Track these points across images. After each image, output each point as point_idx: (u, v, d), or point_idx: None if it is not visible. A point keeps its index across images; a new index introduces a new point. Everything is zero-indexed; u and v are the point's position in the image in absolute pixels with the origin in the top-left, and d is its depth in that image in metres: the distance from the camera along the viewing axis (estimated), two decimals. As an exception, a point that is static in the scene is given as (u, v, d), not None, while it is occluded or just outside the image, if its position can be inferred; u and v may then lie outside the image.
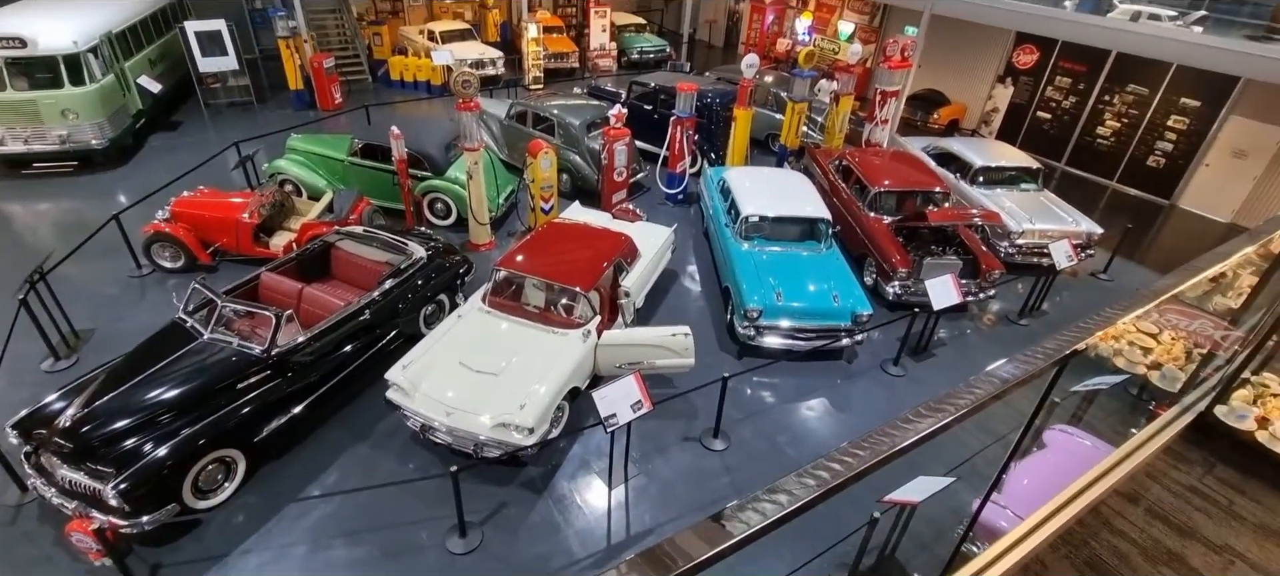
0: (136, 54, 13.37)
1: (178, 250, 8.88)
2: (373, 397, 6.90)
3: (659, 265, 9.02)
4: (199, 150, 12.27)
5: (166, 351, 6.00)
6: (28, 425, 5.44)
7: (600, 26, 19.59)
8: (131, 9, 13.67)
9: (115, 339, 7.51)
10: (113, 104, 12.01)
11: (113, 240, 8.74)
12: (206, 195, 9.27)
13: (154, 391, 5.62)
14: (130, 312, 8.21)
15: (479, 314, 7.14)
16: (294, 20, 15.17)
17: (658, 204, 11.88)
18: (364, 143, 10.58)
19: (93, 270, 8.72)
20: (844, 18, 19.56)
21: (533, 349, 6.64)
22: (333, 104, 15.47)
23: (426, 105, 16.39)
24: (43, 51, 10.96)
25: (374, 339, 7.05)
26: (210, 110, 15.05)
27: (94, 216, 9.36)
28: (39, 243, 9.57)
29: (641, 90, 13.62)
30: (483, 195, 9.71)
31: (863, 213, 9.89)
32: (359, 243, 7.97)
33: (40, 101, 11.06)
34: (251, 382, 5.95)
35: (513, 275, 7.34)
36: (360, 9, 19.49)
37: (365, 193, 10.11)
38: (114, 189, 11.29)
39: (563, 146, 11.56)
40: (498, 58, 17.75)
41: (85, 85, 11.34)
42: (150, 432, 5.38)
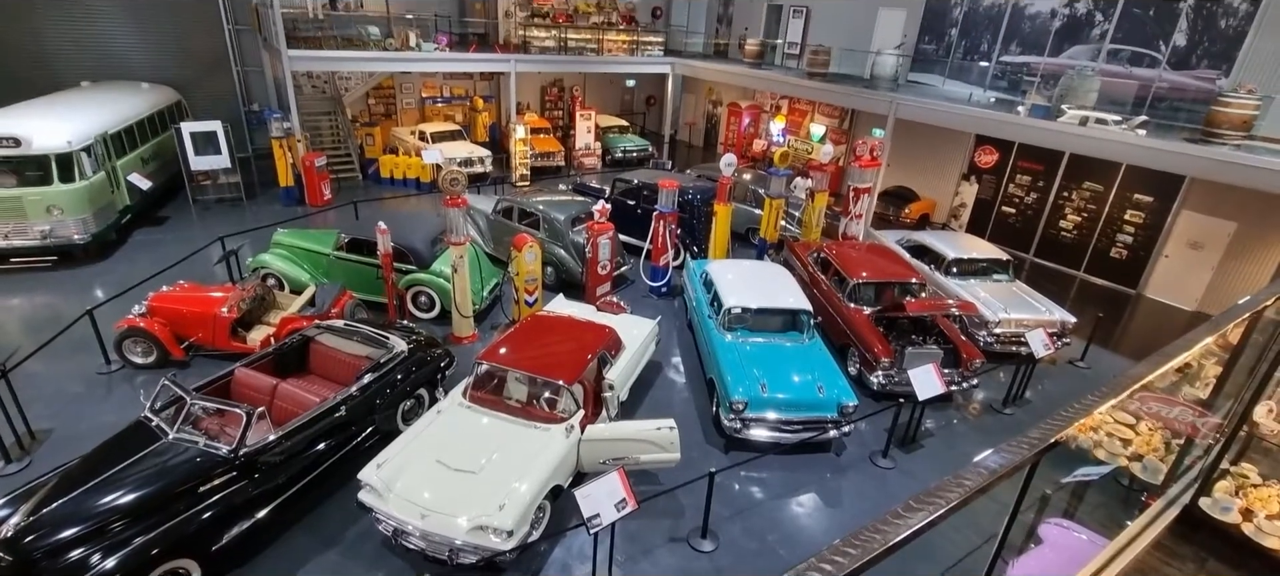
0: (130, 152, 13.59)
1: (150, 345, 8.69)
2: (344, 498, 6.60)
3: (643, 357, 8.97)
4: (184, 245, 12.26)
5: (127, 453, 5.73)
6: (-35, 534, 5.08)
7: (585, 128, 20.42)
8: (130, 110, 14.04)
9: (74, 440, 7.18)
10: (100, 200, 12.08)
11: (84, 336, 8.55)
12: (186, 290, 9.18)
13: (108, 496, 5.31)
14: (94, 411, 7.90)
15: (459, 409, 6.97)
16: (289, 121, 15.63)
17: (642, 296, 11.97)
18: (350, 237, 10.67)
19: (59, 367, 8.47)
20: (815, 121, 20.62)
21: (514, 445, 6.45)
22: (322, 200, 15.69)
23: (414, 201, 16.69)
24: (36, 150, 11.11)
25: (349, 436, 6.82)
26: (198, 206, 15.18)
27: (68, 311, 9.19)
28: (5, 339, 9.32)
29: (625, 187, 14.03)
30: (467, 288, 9.73)
31: (843, 303, 10.03)
32: (339, 337, 7.86)
33: (26, 198, 11.10)
34: (215, 485, 5.67)
35: (495, 368, 7.24)
36: (354, 111, 20.19)
37: (349, 287, 10.08)
38: (92, 283, 11.15)
39: (548, 240, 11.74)
40: (486, 156, 18.30)
41: (74, 182, 11.43)
42: (99, 542, 5.05)
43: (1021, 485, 2.22)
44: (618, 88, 26.50)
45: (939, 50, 16.92)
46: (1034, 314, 10.27)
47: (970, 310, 9.87)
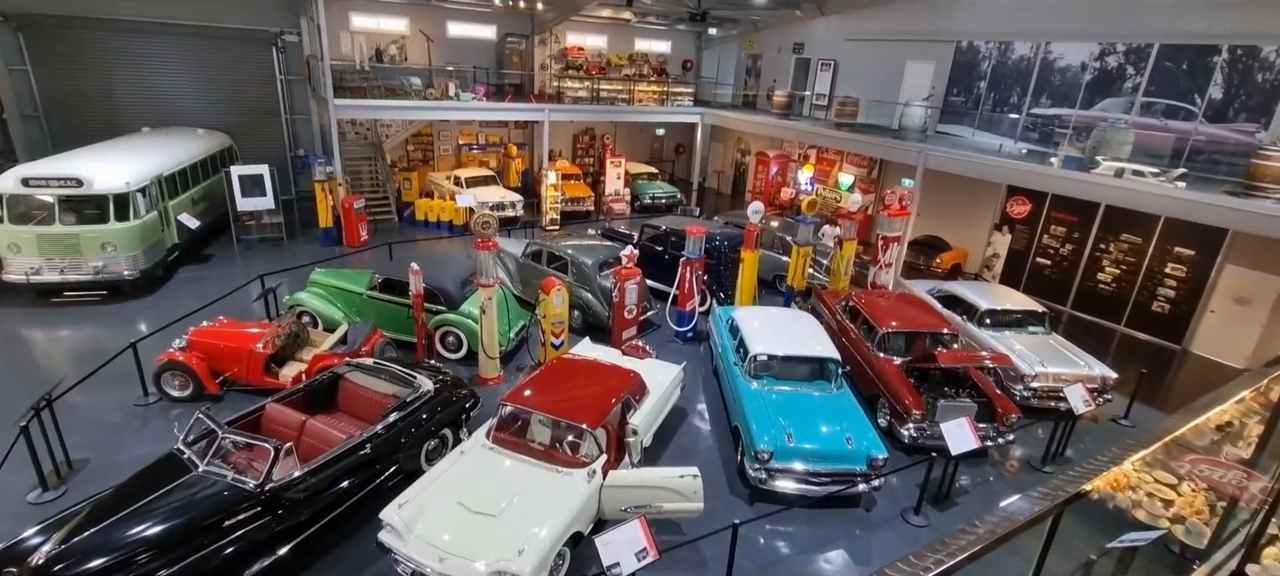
0: (181, 193, 14.24)
1: (187, 379, 8.93)
2: (365, 538, 6.60)
3: (667, 403, 8.90)
4: (226, 282, 12.69)
5: (157, 484, 5.84)
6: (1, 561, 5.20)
7: (615, 174, 20.78)
8: (184, 154, 14.78)
9: (109, 470, 7.35)
10: (151, 238, 12.63)
11: (126, 368, 8.83)
12: (225, 325, 9.46)
13: (137, 527, 5.41)
14: (130, 442, 8.10)
15: (482, 450, 6.97)
16: (331, 166, 16.26)
17: (667, 341, 11.94)
18: (384, 277, 10.92)
19: (100, 398, 8.73)
20: (843, 170, 20.67)
21: (535, 488, 6.41)
22: (359, 241, 16.17)
23: (446, 243, 17.07)
24: (96, 191, 11.71)
25: (373, 475, 6.86)
26: (242, 244, 15.75)
27: (113, 344, 9.53)
28: (53, 369, 9.68)
29: (653, 232, 14.17)
30: (494, 329, 9.83)
31: (872, 353, 9.85)
32: (367, 374, 7.98)
33: (82, 235, 11.66)
34: (240, 520, 5.73)
35: (519, 410, 7.25)
36: (394, 157, 20.92)
37: (381, 325, 10.28)
38: (137, 317, 11.57)
39: (575, 284, 11.85)
40: (517, 201, 18.71)
41: (128, 221, 11.99)
42: (125, 573, 5.11)
43: (1047, 535, 2.13)
44: (648, 136, 27.02)
45: (968, 102, 16.93)
46: (1072, 368, 9.94)
47: (1005, 363, 9.59)
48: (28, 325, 11.20)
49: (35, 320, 11.37)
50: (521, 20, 22.11)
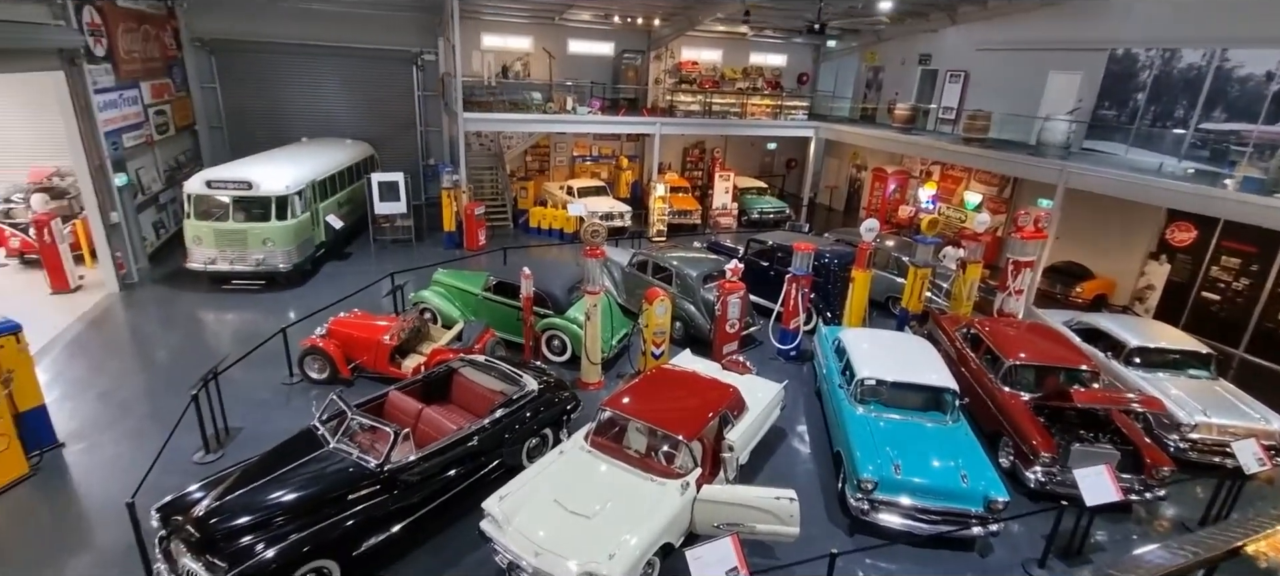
0: (330, 197, 15.85)
1: (324, 363, 9.87)
2: (467, 526, 6.94)
3: (766, 421, 8.68)
4: (362, 278, 13.94)
5: (294, 456, 6.49)
6: (169, 511, 5.98)
7: (723, 188, 20.68)
8: (333, 162, 16.45)
9: (258, 439, 8.27)
10: (303, 236, 14.15)
11: (276, 349, 9.91)
12: (358, 317, 10.38)
13: (275, 493, 6.03)
14: (275, 416, 9.07)
15: (579, 452, 7.14)
16: (458, 175, 17.46)
17: (769, 359, 11.67)
18: (498, 280, 11.53)
19: (254, 375, 9.83)
20: (971, 188, 19.28)
21: (629, 495, 6.47)
22: (477, 245, 17.21)
23: (557, 250, 17.74)
24: (262, 193, 13.31)
25: (478, 465, 7.22)
26: (377, 244, 17.25)
27: (267, 328, 10.73)
28: (219, 346, 11.06)
29: (759, 247, 13.94)
30: (598, 336, 10.07)
31: (996, 386, 9.08)
32: (478, 370, 8.44)
33: (249, 231, 13.28)
34: (361, 495, 6.24)
35: (617, 416, 7.36)
36: (513, 167, 22.09)
37: (493, 325, 10.85)
38: (288, 305, 12.98)
39: (679, 295, 11.89)
40: (626, 212, 19.10)
41: (285, 220, 13.51)
42: (264, 533, 5.72)
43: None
44: (759, 150, 26.68)
45: (1121, 116, 15.24)
46: (1243, 420, 8.62)
47: (1157, 408, 8.50)
48: (203, 307, 12.89)
49: (209, 303, 13.06)
50: (638, 37, 22.64)
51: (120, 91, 13.75)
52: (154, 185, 15.53)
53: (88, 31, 12.31)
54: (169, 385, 9.71)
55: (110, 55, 13.38)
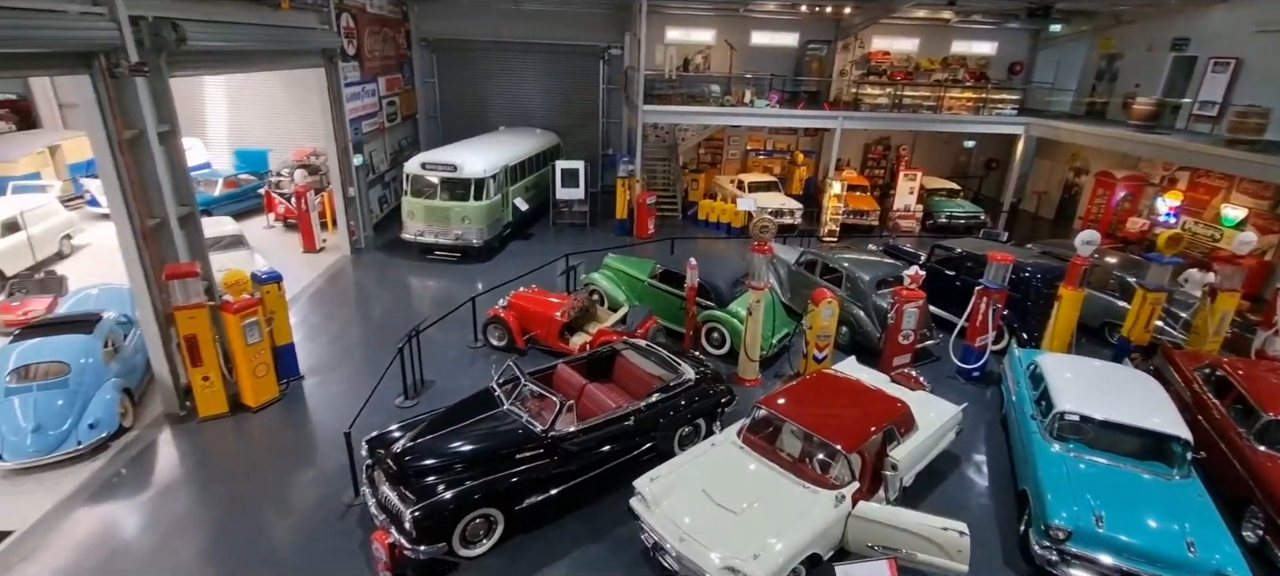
0: (519, 181, 17.31)
1: (504, 332, 10.82)
2: (617, 501, 7.20)
3: (938, 444, 7.93)
4: (540, 257, 15.06)
5: (474, 412, 7.21)
6: (375, 444, 6.95)
7: (908, 188, 19.16)
8: (524, 150, 17.94)
9: (446, 393, 9.31)
10: (494, 215, 15.63)
11: (465, 316, 11.07)
12: (535, 293, 11.23)
13: (457, 442, 6.75)
14: (461, 374, 10.14)
15: (731, 446, 7.08)
16: (633, 164, 18.14)
17: (947, 377, 10.63)
18: (664, 269, 11.80)
19: (446, 336, 11.07)
20: (1231, 200, 15.85)
21: (778, 498, 6.28)
22: (646, 233, 17.76)
23: (723, 244, 17.71)
24: (464, 175, 14.92)
25: (632, 445, 7.47)
26: (556, 228, 18.52)
27: (460, 296, 12.01)
28: (421, 307, 12.61)
29: (945, 254, 12.73)
30: (758, 332, 9.89)
31: (1247, 443, 7.42)
32: (640, 354, 8.70)
33: (451, 209, 14.95)
34: (526, 455, 6.76)
35: (773, 416, 7.18)
36: (686, 159, 22.42)
37: (656, 312, 11.13)
38: (477, 277, 14.42)
39: (848, 299, 11.28)
40: (797, 209, 18.50)
41: (482, 201, 15.01)
42: (445, 476, 6.43)
43: None
44: (953, 148, 24.26)
45: None
46: None
47: None
48: (411, 273, 14.79)
49: (415, 270, 14.95)
50: (825, 26, 21.69)
51: (363, 85, 16.15)
52: (382, 166, 18.06)
53: (344, 34, 14.60)
54: (381, 337, 11.27)
55: (358, 54, 15.76)
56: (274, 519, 7.18)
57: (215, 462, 8.09)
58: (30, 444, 7.52)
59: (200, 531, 6.98)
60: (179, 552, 6.65)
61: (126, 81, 7.69)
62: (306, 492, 7.56)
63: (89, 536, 6.83)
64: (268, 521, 7.14)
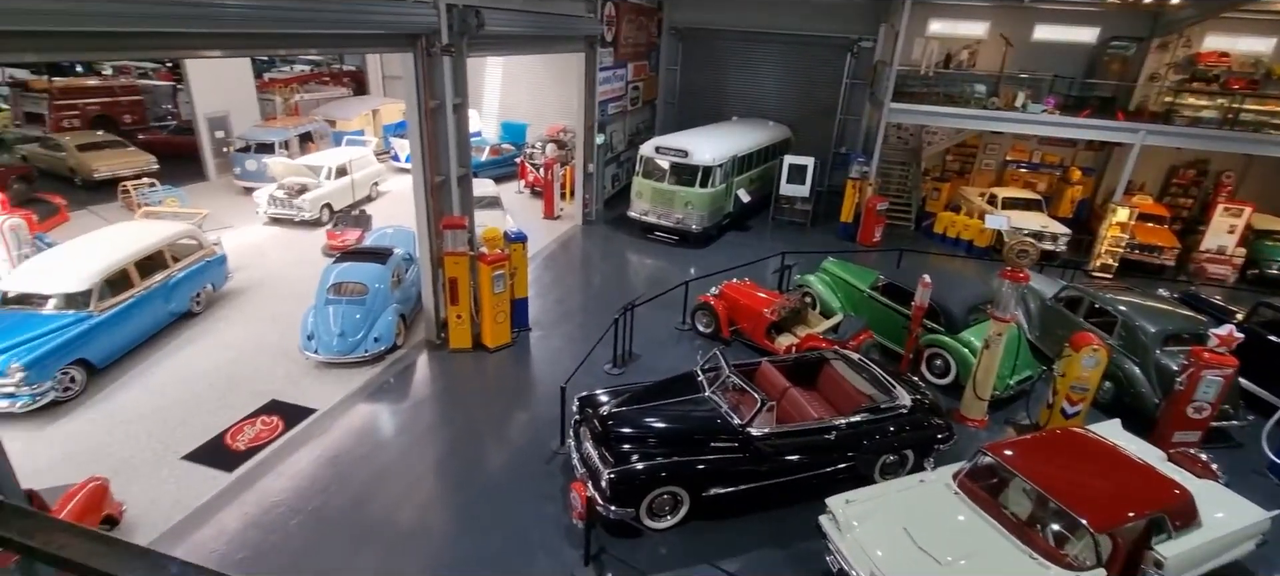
0: (744, 173, 17.30)
1: (711, 320, 10.94)
2: (804, 514, 6.87)
3: (1227, 552, 6.26)
4: (755, 251, 14.93)
5: (676, 392, 7.41)
6: (584, 403, 7.51)
7: (1227, 226, 15.28)
8: (754, 141, 17.85)
9: (650, 367, 9.73)
10: (716, 204, 15.84)
11: (676, 298, 11.40)
12: (747, 286, 11.15)
13: (656, 419, 7.01)
14: (665, 353, 10.50)
15: (944, 489, 6.34)
16: (867, 166, 17.03)
17: (1252, 471, 8.33)
18: (887, 281, 10.93)
19: (656, 315, 11.50)
20: None
21: (994, 559, 5.49)
22: (871, 240, 16.60)
23: (960, 263, 15.87)
24: (693, 162, 15.32)
25: (827, 461, 7.08)
26: (774, 223, 18.19)
27: (673, 278, 12.41)
28: (637, 284, 13.30)
29: (1275, 316, 9.93)
30: (994, 369, 8.69)
31: None
32: (850, 368, 8.19)
33: (677, 193, 15.47)
34: (720, 445, 6.77)
35: (1000, 466, 6.27)
36: (928, 164, 20.45)
37: (872, 327, 10.37)
38: (691, 262, 14.77)
39: (1120, 351, 9.38)
40: (1062, 234, 15.83)
41: (706, 189, 15.30)
42: (639, 447, 6.72)
43: None
44: (1308, 182, 18.71)
45: None
46: None
47: None
48: (631, 249, 15.66)
49: (635, 247, 15.79)
50: (1138, 20, 18.02)
51: (614, 70, 17.35)
52: (619, 146, 19.30)
53: (604, 22, 15.79)
54: (599, 304, 12.12)
55: (614, 41, 16.94)
56: (493, 448, 8.17)
57: (456, 389, 9.44)
58: (335, 345, 9.48)
59: (437, 443, 8.22)
60: (420, 457, 7.91)
61: (437, 60, 9.20)
62: (522, 431, 8.47)
63: (361, 425, 8.44)
64: (487, 449, 8.15)
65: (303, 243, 14.55)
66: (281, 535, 6.61)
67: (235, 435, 8.03)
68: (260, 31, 6.95)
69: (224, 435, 8.01)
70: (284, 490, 7.22)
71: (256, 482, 7.31)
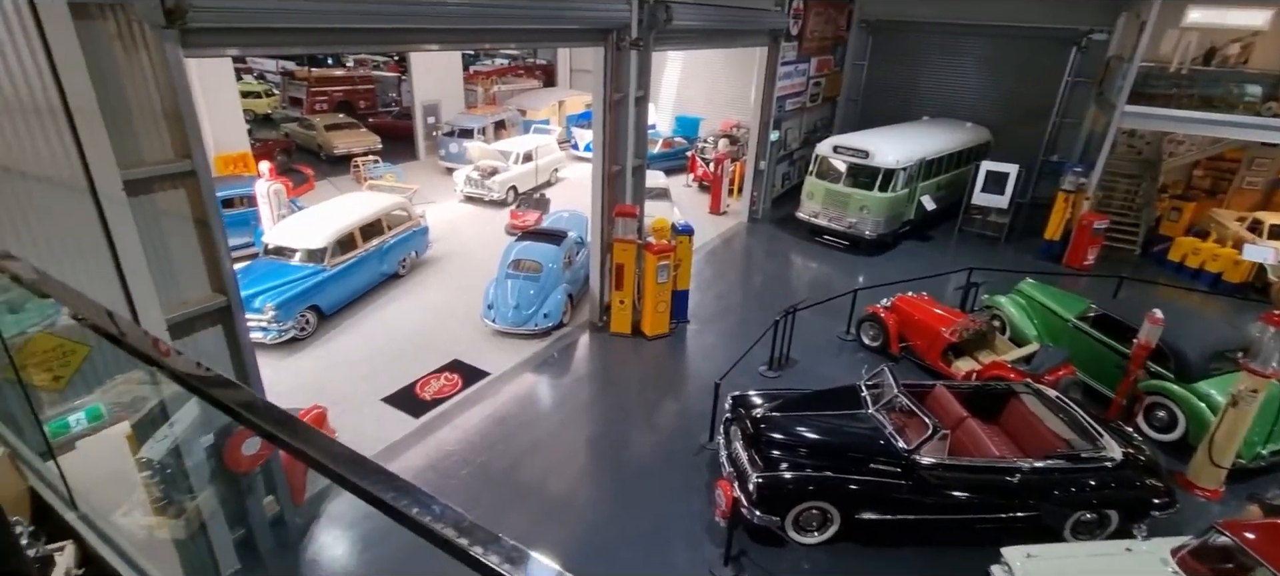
0: (931, 178, 15.88)
1: (879, 333, 10.21)
2: (971, 559, 6.17)
3: None
4: (935, 264, 13.67)
5: (836, 405, 7.01)
6: (738, 402, 7.38)
7: None
8: (945, 144, 16.31)
9: (807, 374, 9.33)
10: (895, 210, 14.72)
11: (841, 306, 10.79)
12: (924, 301, 10.24)
13: (811, 429, 6.68)
14: (825, 362, 10.00)
15: (1158, 564, 5.33)
16: (1086, 178, 14.80)
17: None
18: (1100, 311, 9.42)
19: (817, 321, 10.95)
20: None
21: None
22: (1081, 264, 14.42)
23: (1200, 299, 13.24)
24: (874, 164, 14.37)
25: (1005, 506, 6.28)
26: (960, 235, 16.49)
27: (839, 285, 11.79)
28: (799, 287, 12.80)
29: None
30: (1241, 433, 7.12)
31: None
32: (1045, 405, 7.18)
33: (852, 196, 14.62)
34: (880, 468, 6.29)
35: (1242, 552, 5.11)
36: (1167, 180, 17.28)
37: (1075, 361, 9.00)
38: (860, 270, 13.89)
39: None
40: (1357, 277, 12.55)
41: (886, 193, 14.28)
42: (792, 455, 6.44)
43: None
44: None
45: None
46: None
47: None
48: (795, 251, 15.11)
49: (800, 249, 15.20)
50: None
51: (796, 65, 16.79)
52: (793, 144, 18.68)
53: (792, 16, 15.33)
54: (758, 303, 11.87)
55: (800, 35, 16.39)
56: (643, 433, 8.35)
57: (613, 372, 9.78)
58: (510, 316, 10.28)
59: (591, 421, 8.58)
60: (575, 431, 8.32)
61: (624, 53, 9.56)
62: (672, 421, 8.56)
63: (525, 394, 9.06)
64: (638, 433, 8.35)
65: (490, 220, 15.96)
66: (454, 482, 7.33)
67: (423, 386, 9.03)
68: (475, 27, 7.67)
69: (414, 385, 9.05)
70: (457, 441, 7.98)
71: (436, 431, 8.16)
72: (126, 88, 4.78)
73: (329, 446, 1.12)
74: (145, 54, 4.80)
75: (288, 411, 1.23)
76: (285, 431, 1.14)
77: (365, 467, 1.07)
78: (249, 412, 1.19)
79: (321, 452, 1.10)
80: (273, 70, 30.04)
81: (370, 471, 1.06)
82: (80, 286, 3.10)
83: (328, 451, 1.10)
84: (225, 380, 1.33)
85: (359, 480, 1.04)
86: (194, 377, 1.30)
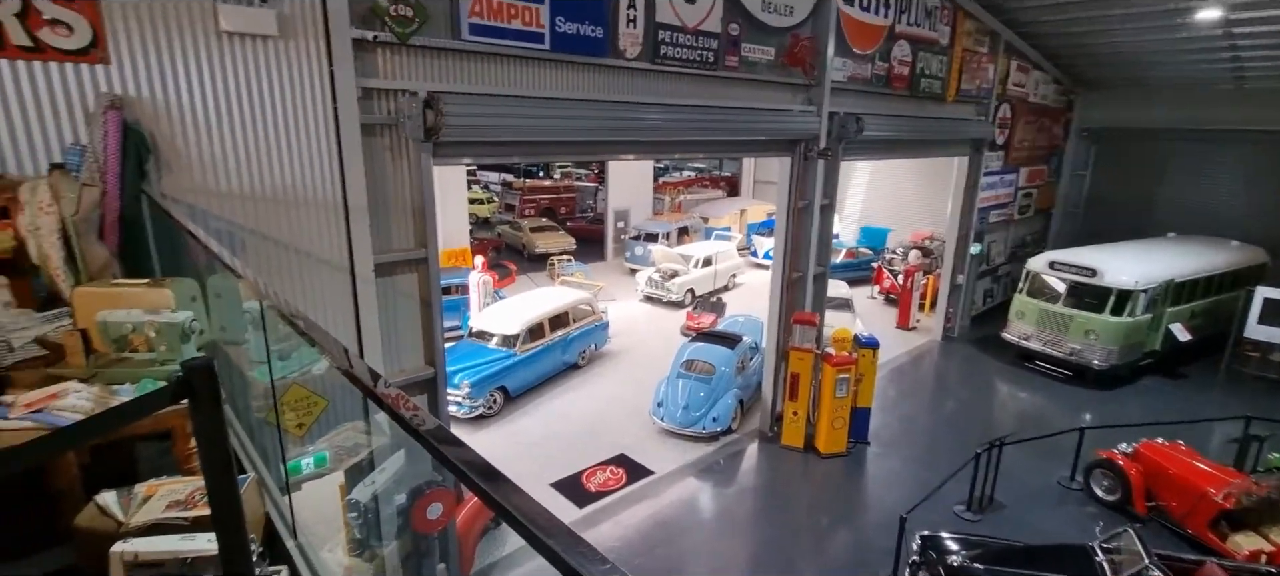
0: (1182, 304, 13.34)
1: (1117, 485, 8.42)
2: None
3: None
4: (1192, 408, 11.18)
5: (1057, 565, 5.80)
6: (928, 543, 6.43)
7: None
8: (1201, 265, 13.74)
9: (1016, 523, 7.91)
10: (1133, 338, 12.46)
11: (1060, 446, 9.12)
12: (1182, 451, 8.33)
13: (1027, 591, 5.54)
14: (1041, 513, 8.41)
15: None
16: None
17: None
18: None
19: (1031, 461, 9.36)
20: None
21: None
22: None
23: None
24: (1104, 283, 12.45)
25: None
26: (1229, 374, 13.41)
27: (1059, 421, 10.07)
28: (1004, 418, 11.16)
29: None
30: None
31: None
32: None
33: (1074, 319, 12.69)
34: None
35: None
36: None
37: None
38: (1087, 406, 11.78)
39: None
40: None
41: (1120, 317, 12.21)
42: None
43: None
44: None
45: None
46: None
47: None
48: (1001, 376, 13.29)
49: (1007, 375, 13.35)
50: None
51: (1001, 175, 15.51)
52: (998, 258, 16.94)
53: (997, 124, 14.38)
54: (952, 432, 10.52)
55: (1006, 144, 15.24)
56: (810, 559, 7.57)
57: (781, 487, 9.14)
58: (679, 416, 10.20)
59: (754, 537, 7.98)
60: (737, 546, 7.79)
61: (812, 163, 9.58)
62: (845, 553, 7.67)
63: (688, 498, 8.75)
64: (805, 559, 7.58)
65: (667, 320, 16.36)
66: (610, 580, 7.17)
67: (589, 476, 9.16)
68: (671, 139, 8.21)
69: (582, 474, 9.22)
70: (617, 537, 7.87)
71: (598, 524, 8.14)
72: (389, 189, 5.80)
73: (547, 517, 1.17)
74: (406, 162, 5.84)
75: (514, 483, 1.29)
76: (512, 503, 1.22)
77: (574, 540, 1.07)
78: (477, 476, 1.31)
79: (532, 518, 1.17)
80: (495, 181, 34.81)
81: (578, 545, 1.05)
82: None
83: (545, 519, 1.16)
84: (456, 438, 1.45)
85: (564, 552, 1.03)
86: (431, 434, 1.43)
